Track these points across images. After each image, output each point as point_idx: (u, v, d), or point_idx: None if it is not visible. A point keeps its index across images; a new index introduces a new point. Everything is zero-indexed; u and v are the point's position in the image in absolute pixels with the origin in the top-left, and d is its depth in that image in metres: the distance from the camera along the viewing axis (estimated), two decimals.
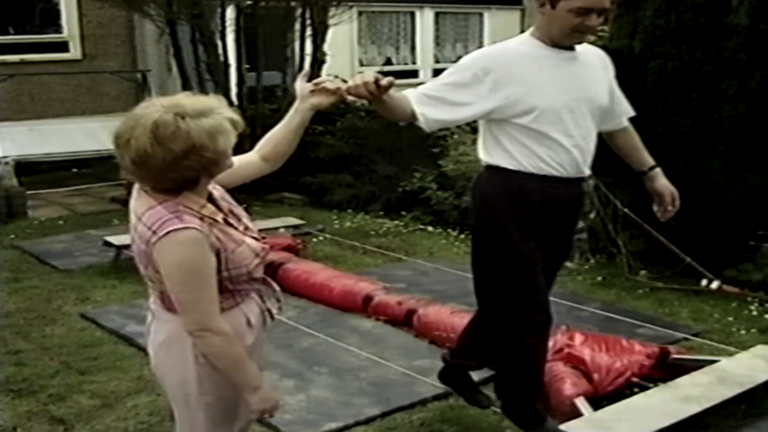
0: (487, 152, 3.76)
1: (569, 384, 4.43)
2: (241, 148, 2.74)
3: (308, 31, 11.70)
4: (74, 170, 12.27)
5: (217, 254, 2.58)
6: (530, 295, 3.76)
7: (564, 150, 3.62)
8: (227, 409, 2.80)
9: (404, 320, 5.76)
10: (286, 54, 12.07)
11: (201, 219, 2.56)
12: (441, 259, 7.67)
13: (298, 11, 11.69)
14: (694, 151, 6.56)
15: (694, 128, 6.54)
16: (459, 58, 4.00)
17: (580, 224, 5.79)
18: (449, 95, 3.56)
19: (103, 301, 6.54)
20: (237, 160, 2.75)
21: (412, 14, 17.40)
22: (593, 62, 3.77)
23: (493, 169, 3.72)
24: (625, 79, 6.79)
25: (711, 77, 6.43)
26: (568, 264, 7.32)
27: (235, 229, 2.71)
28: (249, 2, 10.87)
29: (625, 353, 4.75)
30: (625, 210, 6.81)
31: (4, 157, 10.56)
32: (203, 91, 3.02)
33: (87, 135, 11.49)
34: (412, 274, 7.12)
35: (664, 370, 4.72)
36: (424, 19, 17.44)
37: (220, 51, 11.03)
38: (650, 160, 4.10)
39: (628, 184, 6.85)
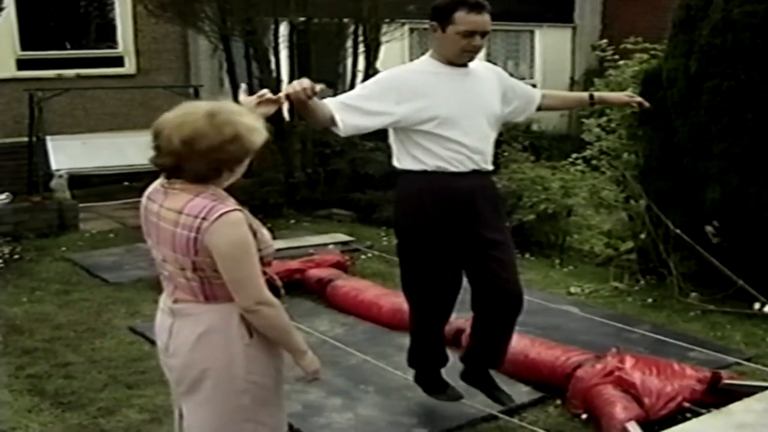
0: (398, 160, 4.29)
1: (620, 408, 4.36)
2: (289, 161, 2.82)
3: (361, 48, 11.76)
4: (125, 183, 12.37)
5: (254, 235, 2.86)
6: (433, 300, 4.63)
7: (463, 149, 4.14)
8: (271, 391, 3.03)
9: (452, 340, 5.70)
10: (338, 70, 12.14)
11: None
12: None
13: (351, 28, 11.76)
14: (749, 173, 6.47)
15: (749, 149, 6.45)
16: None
17: None
18: (363, 104, 4.05)
19: (152, 314, 6.40)
20: None
21: None
22: (486, 75, 4.31)
23: (404, 173, 4.25)
24: (679, 98, 6.83)
25: (767, 97, 6.35)
26: (617, 285, 7.28)
27: None
28: (302, 19, 10.95)
29: (676, 377, 4.68)
30: (677, 231, 6.72)
31: (58, 170, 10.71)
32: None
33: (138, 149, 11.39)
34: (460, 293, 7.02)
35: (715, 395, 4.63)
36: None
37: (273, 67, 11.12)
38: (585, 93, 4.98)
39: (680, 205, 6.79)
